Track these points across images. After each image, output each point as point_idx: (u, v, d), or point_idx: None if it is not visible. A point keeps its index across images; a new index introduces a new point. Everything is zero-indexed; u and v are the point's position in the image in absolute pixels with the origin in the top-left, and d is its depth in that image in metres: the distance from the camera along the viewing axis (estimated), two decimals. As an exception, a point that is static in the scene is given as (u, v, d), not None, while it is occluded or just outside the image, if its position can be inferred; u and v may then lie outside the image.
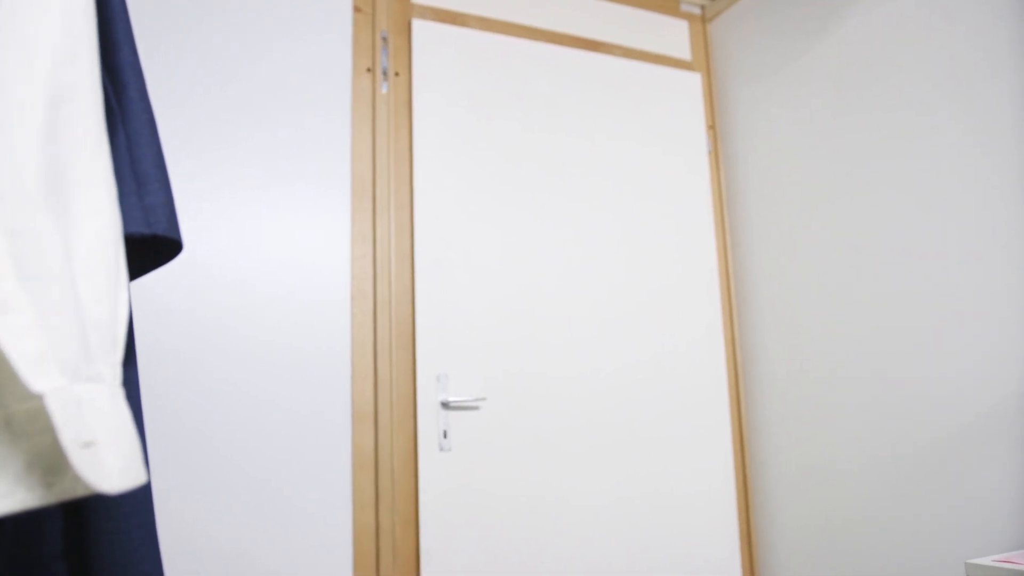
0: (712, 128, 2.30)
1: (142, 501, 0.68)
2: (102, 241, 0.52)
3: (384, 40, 1.87)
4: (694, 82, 2.27)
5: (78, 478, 0.45)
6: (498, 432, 1.77)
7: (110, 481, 0.44)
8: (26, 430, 0.44)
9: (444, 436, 1.70)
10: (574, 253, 1.96)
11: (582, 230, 1.99)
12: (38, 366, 0.43)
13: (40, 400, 0.45)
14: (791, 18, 2.08)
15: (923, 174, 1.68)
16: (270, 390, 1.58)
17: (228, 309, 1.58)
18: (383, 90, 1.84)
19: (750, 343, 2.15)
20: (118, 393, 0.49)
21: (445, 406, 1.72)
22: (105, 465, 0.44)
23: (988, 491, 1.49)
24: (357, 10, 1.85)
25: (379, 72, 1.84)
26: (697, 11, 2.38)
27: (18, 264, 0.44)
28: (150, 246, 0.76)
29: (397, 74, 1.86)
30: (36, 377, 0.42)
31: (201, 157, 1.62)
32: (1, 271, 0.43)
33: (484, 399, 1.76)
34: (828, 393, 1.89)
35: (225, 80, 1.67)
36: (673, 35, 2.31)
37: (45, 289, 0.45)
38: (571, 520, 1.80)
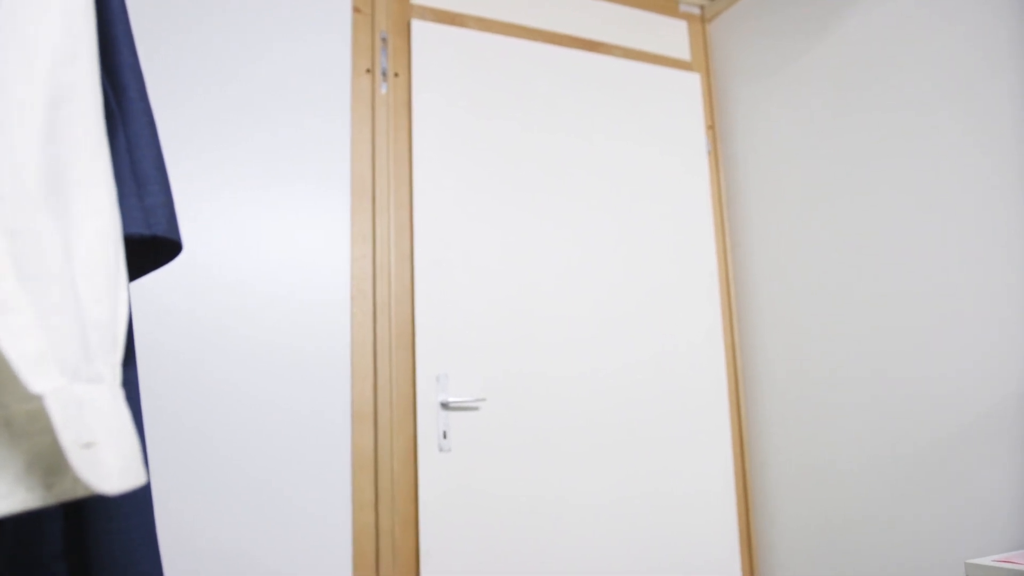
0: (711, 128, 2.30)
1: (142, 501, 0.68)
2: (102, 241, 0.52)
3: (383, 41, 1.87)
4: (693, 82, 2.27)
5: (78, 479, 0.45)
6: (498, 432, 1.77)
7: (110, 482, 0.44)
8: (26, 430, 0.44)
9: (444, 436, 1.70)
10: (574, 253, 1.96)
11: (582, 230, 1.98)
12: (38, 366, 0.42)
13: (40, 400, 0.44)
14: (791, 18, 2.08)
15: (923, 174, 1.68)
16: (270, 390, 1.58)
17: (228, 309, 1.58)
18: (383, 90, 1.84)
19: (750, 343, 2.15)
20: (118, 393, 0.49)
21: (445, 406, 1.72)
22: (105, 466, 0.44)
23: (988, 491, 1.49)
24: (356, 11, 1.85)
25: (379, 72, 1.84)
26: (696, 11, 2.38)
27: (18, 264, 0.44)
28: (150, 247, 0.76)
29: (396, 74, 1.86)
30: (36, 377, 0.42)
31: (201, 157, 1.62)
32: (1, 271, 0.42)
33: (484, 399, 1.76)
34: (828, 393, 1.89)
35: (225, 80, 1.67)
36: (672, 35, 2.31)
37: (45, 289, 0.45)
38: (571, 520, 1.80)
